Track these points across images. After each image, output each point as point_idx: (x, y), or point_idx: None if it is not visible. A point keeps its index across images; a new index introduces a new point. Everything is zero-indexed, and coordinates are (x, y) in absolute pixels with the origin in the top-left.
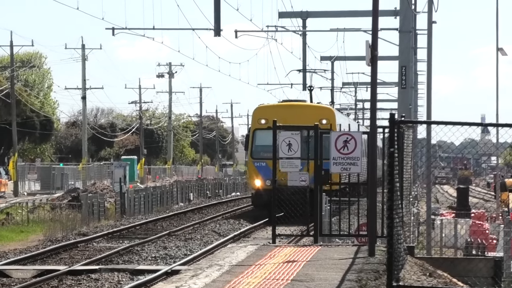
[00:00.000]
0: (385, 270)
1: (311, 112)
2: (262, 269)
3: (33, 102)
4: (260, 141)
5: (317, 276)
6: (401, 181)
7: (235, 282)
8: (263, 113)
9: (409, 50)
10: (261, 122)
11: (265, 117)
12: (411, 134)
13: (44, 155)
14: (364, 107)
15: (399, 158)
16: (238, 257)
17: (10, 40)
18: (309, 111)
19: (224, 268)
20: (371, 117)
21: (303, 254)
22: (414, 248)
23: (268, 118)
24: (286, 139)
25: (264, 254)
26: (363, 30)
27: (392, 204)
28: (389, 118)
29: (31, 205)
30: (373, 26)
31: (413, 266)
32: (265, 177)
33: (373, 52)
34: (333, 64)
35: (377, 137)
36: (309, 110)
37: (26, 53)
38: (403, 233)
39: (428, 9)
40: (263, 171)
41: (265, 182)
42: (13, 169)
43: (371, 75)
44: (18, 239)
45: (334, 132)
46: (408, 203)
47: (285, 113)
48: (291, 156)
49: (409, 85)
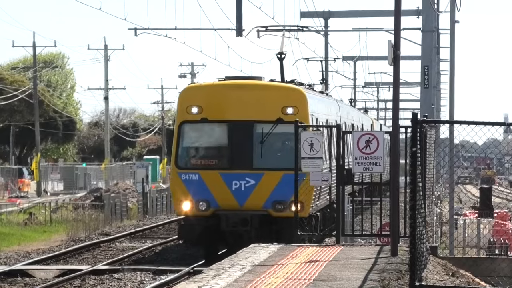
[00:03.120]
0: (407, 270)
1: (270, 96)
2: (284, 268)
3: (56, 102)
4: (190, 140)
5: (339, 276)
6: (424, 181)
7: (257, 281)
8: (195, 98)
9: (432, 50)
10: (192, 111)
11: (198, 104)
12: (434, 134)
13: (67, 155)
14: (387, 107)
15: (421, 158)
16: (260, 256)
17: (33, 41)
18: (266, 95)
19: (246, 268)
20: (394, 116)
21: (325, 254)
22: (437, 248)
23: (203, 105)
24: (308, 138)
25: (286, 254)
26: (385, 29)
27: (415, 204)
28: (411, 118)
29: (54, 205)
30: (395, 25)
31: (436, 266)
32: (198, 196)
33: (395, 52)
34: (355, 64)
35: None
36: (266, 93)
37: (49, 54)
38: (426, 233)
39: (451, 9)
40: (195, 187)
41: (198, 205)
42: (36, 169)
43: (394, 75)
44: (41, 239)
45: (356, 132)
46: (431, 203)
47: (229, 98)
48: (313, 156)
49: (432, 84)
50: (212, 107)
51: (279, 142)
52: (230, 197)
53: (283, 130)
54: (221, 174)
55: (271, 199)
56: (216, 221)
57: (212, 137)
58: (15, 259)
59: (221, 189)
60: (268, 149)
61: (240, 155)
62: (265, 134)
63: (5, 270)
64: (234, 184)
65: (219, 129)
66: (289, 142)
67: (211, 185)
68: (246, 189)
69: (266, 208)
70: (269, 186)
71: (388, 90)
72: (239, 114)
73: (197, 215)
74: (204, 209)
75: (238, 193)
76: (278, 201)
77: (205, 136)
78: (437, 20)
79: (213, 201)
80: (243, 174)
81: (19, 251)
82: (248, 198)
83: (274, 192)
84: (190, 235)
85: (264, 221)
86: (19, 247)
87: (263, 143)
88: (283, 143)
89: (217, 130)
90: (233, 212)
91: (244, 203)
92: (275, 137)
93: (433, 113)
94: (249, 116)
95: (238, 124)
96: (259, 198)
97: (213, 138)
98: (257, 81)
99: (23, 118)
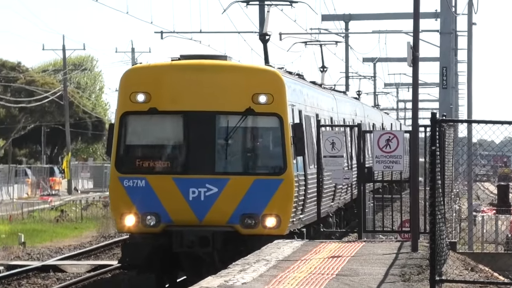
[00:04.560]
0: (428, 265)
1: (238, 80)
2: (308, 264)
3: (85, 103)
4: (135, 136)
5: (361, 271)
6: (443, 178)
7: (282, 276)
8: (141, 82)
9: (450, 52)
10: (137, 99)
11: (144, 90)
12: (452, 133)
13: (96, 154)
14: (406, 107)
15: (440, 156)
16: (284, 252)
17: (63, 44)
18: (233, 79)
19: (271, 263)
20: (413, 116)
21: (347, 250)
22: (456, 243)
23: (151, 92)
24: (329, 138)
25: (309, 249)
26: (404, 32)
27: (434, 201)
28: (430, 117)
29: (85, 202)
30: (414, 28)
31: (455, 261)
32: (145, 208)
33: (414, 54)
34: (375, 66)
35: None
36: (233, 77)
37: (78, 57)
38: (445, 229)
39: (468, 11)
40: (141, 196)
41: (145, 219)
42: (66, 168)
43: (413, 76)
44: (72, 236)
45: (376, 131)
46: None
47: (185, 82)
48: (335, 154)
49: (450, 85)
50: (163, 94)
51: (249, 139)
52: (186, 209)
53: (254, 123)
54: (174, 180)
55: (238, 212)
56: (169, 239)
57: (163, 132)
58: (48, 254)
59: (175, 199)
60: (234, 148)
61: (199, 155)
62: (231, 129)
63: (38, 265)
64: (192, 192)
65: (172, 122)
66: (262, 138)
67: (161, 194)
68: (207, 199)
69: (232, 223)
70: (236, 195)
71: (408, 91)
72: (197, 103)
73: (144, 231)
74: (152, 224)
75: (197, 204)
76: (248, 214)
77: (154, 131)
78: (455, 22)
79: (164, 214)
80: (202, 180)
81: (51, 247)
82: (209, 211)
83: (242, 203)
84: (135, 258)
85: (229, 239)
86: (51, 243)
87: (228, 141)
88: (254, 140)
89: (170, 124)
90: (190, 228)
91: (204, 217)
92: (244, 133)
93: (452, 113)
94: (211, 106)
95: (196, 115)
96: (223, 211)
97: (164, 133)
98: (221, 61)
99: (54, 119)
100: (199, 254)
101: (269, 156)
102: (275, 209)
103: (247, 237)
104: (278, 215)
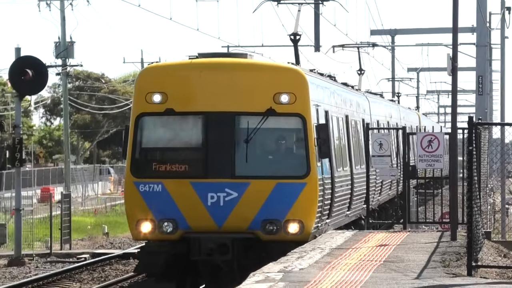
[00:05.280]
0: (465, 252)
1: (258, 79)
2: (358, 251)
3: None
4: (151, 139)
5: (406, 258)
6: (479, 175)
7: (335, 262)
8: (158, 82)
9: (485, 62)
10: (154, 99)
11: (161, 90)
12: (487, 134)
13: None
14: (446, 112)
15: (476, 155)
16: (337, 241)
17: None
18: (253, 78)
19: (325, 251)
20: (452, 120)
21: (393, 239)
22: (491, 233)
23: (168, 92)
24: (378, 139)
25: (359, 239)
26: (444, 44)
27: (471, 195)
28: (468, 121)
29: None
30: (453, 41)
31: (490, 249)
32: (162, 214)
33: (453, 64)
34: (418, 74)
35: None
36: (253, 76)
37: None
38: (481, 220)
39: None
40: (158, 202)
41: (162, 226)
42: None
43: (452, 84)
44: None
45: (420, 133)
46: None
47: (204, 82)
48: (382, 154)
49: (485, 92)
50: (180, 95)
51: (270, 141)
52: (205, 215)
53: (275, 124)
54: (192, 184)
55: (259, 218)
56: (186, 247)
57: (180, 134)
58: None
59: (193, 205)
60: (255, 151)
61: (217, 158)
62: (251, 131)
63: (120, 253)
64: (210, 197)
65: (190, 123)
66: (284, 140)
67: (179, 199)
68: (226, 204)
69: (252, 229)
70: (257, 200)
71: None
72: (216, 103)
73: (161, 239)
74: (169, 231)
75: (216, 209)
76: (270, 220)
77: (170, 133)
78: (489, 36)
79: (181, 220)
80: (222, 184)
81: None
82: (229, 217)
83: (264, 208)
84: (151, 266)
85: (250, 247)
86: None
87: (248, 143)
88: (275, 142)
89: (187, 125)
90: (209, 235)
91: (223, 223)
92: (265, 134)
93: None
94: (230, 107)
95: (215, 116)
96: (243, 217)
97: (181, 135)
98: (241, 59)
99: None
100: (218, 262)
101: (291, 158)
102: (298, 214)
103: (268, 244)
104: (301, 220)
